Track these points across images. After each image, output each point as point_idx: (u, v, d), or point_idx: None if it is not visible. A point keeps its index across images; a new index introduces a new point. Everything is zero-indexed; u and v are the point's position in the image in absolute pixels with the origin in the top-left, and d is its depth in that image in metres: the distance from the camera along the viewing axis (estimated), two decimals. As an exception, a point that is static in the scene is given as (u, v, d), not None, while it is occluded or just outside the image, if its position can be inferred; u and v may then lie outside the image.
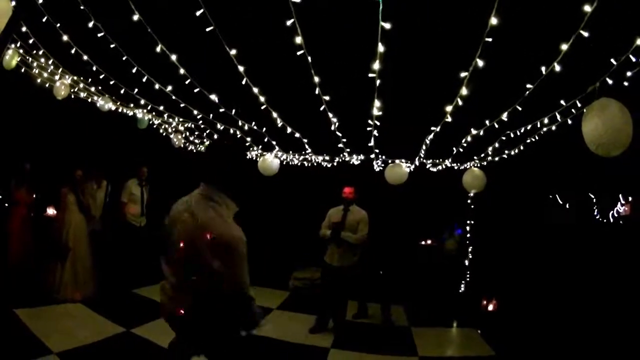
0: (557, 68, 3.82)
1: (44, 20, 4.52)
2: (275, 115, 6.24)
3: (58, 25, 4.65)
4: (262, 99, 5.52)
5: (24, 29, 4.85)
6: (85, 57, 5.26)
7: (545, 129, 5.83)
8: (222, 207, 2.66)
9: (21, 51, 5.38)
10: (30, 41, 5.13)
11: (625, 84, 4.06)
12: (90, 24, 4.38)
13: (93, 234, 7.84)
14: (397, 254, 8.47)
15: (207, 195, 2.69)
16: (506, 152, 7.58)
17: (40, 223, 8.24)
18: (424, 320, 8.22)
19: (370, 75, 4.19)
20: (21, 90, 7.08)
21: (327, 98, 5.12)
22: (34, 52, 5.49)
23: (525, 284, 9.11)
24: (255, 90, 5.23)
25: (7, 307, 6.16)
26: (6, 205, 8.22)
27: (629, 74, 3.95)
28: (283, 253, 10.85)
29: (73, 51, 5.09)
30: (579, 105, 4.63)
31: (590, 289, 8.10)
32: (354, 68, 4.46)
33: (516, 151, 7.34)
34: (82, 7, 4.14)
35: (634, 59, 3.63)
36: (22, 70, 5.86)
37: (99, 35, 4.54)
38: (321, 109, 5.43)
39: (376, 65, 4.00)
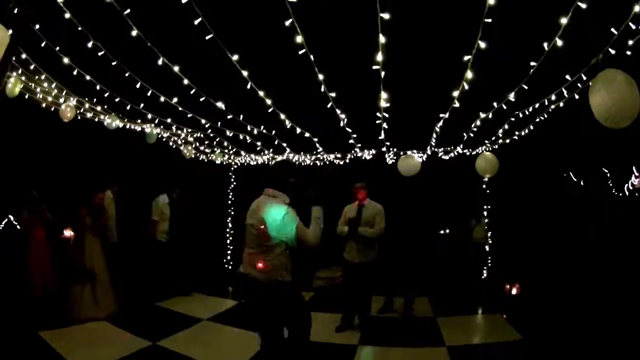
0: (559, 43, 3.78)
1: (43, 45, 4.53)
2: (283, 116, 6.22)
3: (57, 48, 4.67)
4: (268, 101, 5.51)
5: (24, 55, 4.87)
6: (88, 77, 5.28)
7: (553, 106, 5.78)
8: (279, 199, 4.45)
9: (23, 78, 5.40)
10: (32, 67, 5.14)
11: (628, 53, 4.02)
12: (90, 44, 4.39)
13: (112, 246, 8.01)
14: (416, 245, 8.41)
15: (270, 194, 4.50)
16: (516, 133, 7.52)
17: (58, 245, 8.29)
18: (449, 310, 8.16)
19: (374, 67, 4.17)
20: (27, 116, 7.12)
21: (333, 95, 5.10)
22: (37, 77, 5.51)
23: (547, 265, 9.05)
24: (261, 93, 5.22)
25: (32, 330, 6.20)
26: (20, 231, 8.31)
27: (630, 42, 3.91)
28: (304, 253, 10.82)
29: (75, 72, 5.11)
30: (584, 78, 4.59)
31: (615, 264, 8.04)
32: (357, 62, 4.43)
33: (526, 131, 7.28)
34: (79, 28, 4.15)
35: (634, 27, 3.59)
36: (26, 96, 5.89)
37: (100, 54, 4.55)
38: (328, 106, 5.41)
39: (379, 57, 3.98)
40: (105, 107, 6.60)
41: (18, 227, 8.87)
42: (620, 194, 12.89)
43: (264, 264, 4.23)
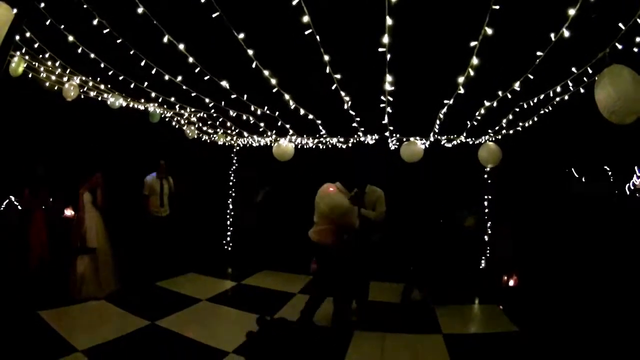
0: (567, 34, 3.76)
1: (47, 23, 4.51)
2: (287, 97, 6.19)
3: (62, 27, 4.64)
4: (273, 81, 5.48)
5: (28, 34, 4.84)
6: (92, 56, 5.25)
7: (558, 99, 5.76)
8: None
9: (27, 57, 5.38)
10: (36, 45, 5.12)
11: (635, 50, 4.01)
12: (95, 21, 4.37)
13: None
14: (420, 233, 8.41)
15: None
16: (520, 124, 7.49)
17: (59, 224, 8.31)
18: (447, 298, 8.18)
19: (380, 49, 4.15)
20: (31, 96, 7.10)
21: (338, 76, 5.08)
22: (40, 56, 5.48)
23: (545, 258, 9.06)
24: (266, 73, 5.19)
25: (31, 310, 6.22)
26: (19, 208, 8.34)
27: (638, 39, 3.90)
28: (303, 237, 10.83)
29: (79, 51, 5.08)
30: (590, 72, 4.58)
31: (613, 260, 8.04)
32: (363, 44, 4.41)
33: (530, 123, 7.26)
34: (85, 6, 4.13)
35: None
36: (30, 75, 5.86)
37: (105, 31, 4.52)
38: (333, 88, 5.38)
39: (385, 39, 3.96)
40: (109, 85, 6.57)
41: (19, 207, 8.90)
42: (621, 193, 12.85)
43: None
